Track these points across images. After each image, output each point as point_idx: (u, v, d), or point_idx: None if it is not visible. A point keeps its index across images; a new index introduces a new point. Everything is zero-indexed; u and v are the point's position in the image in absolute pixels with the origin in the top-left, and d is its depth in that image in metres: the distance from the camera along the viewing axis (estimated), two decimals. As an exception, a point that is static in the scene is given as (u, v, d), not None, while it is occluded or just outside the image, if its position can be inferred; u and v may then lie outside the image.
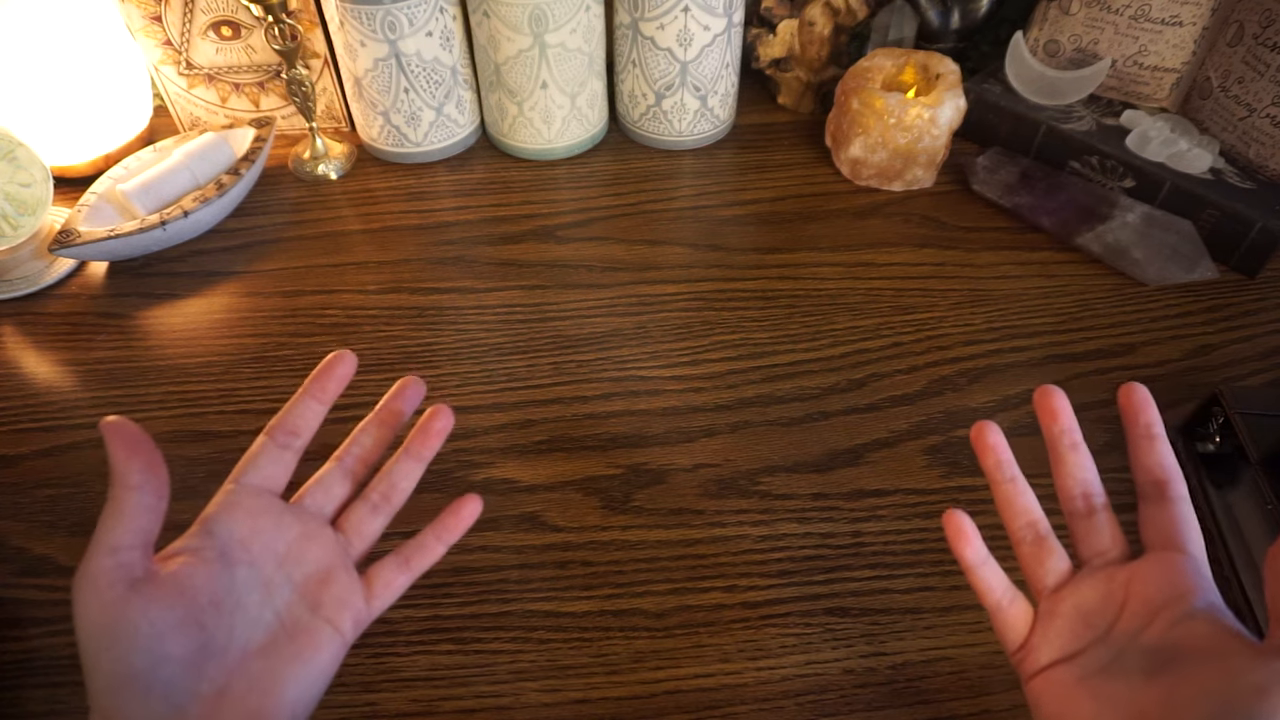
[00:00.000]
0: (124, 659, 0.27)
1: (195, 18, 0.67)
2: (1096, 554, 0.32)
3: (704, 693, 0.40)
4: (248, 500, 0.32)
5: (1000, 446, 0.34)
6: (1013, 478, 0.34)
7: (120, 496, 0.28)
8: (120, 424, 0.29)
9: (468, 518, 0.36)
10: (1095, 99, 0.69)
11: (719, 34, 0.66)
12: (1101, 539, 0.32)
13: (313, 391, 0.35)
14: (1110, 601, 0.31)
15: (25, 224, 0.59)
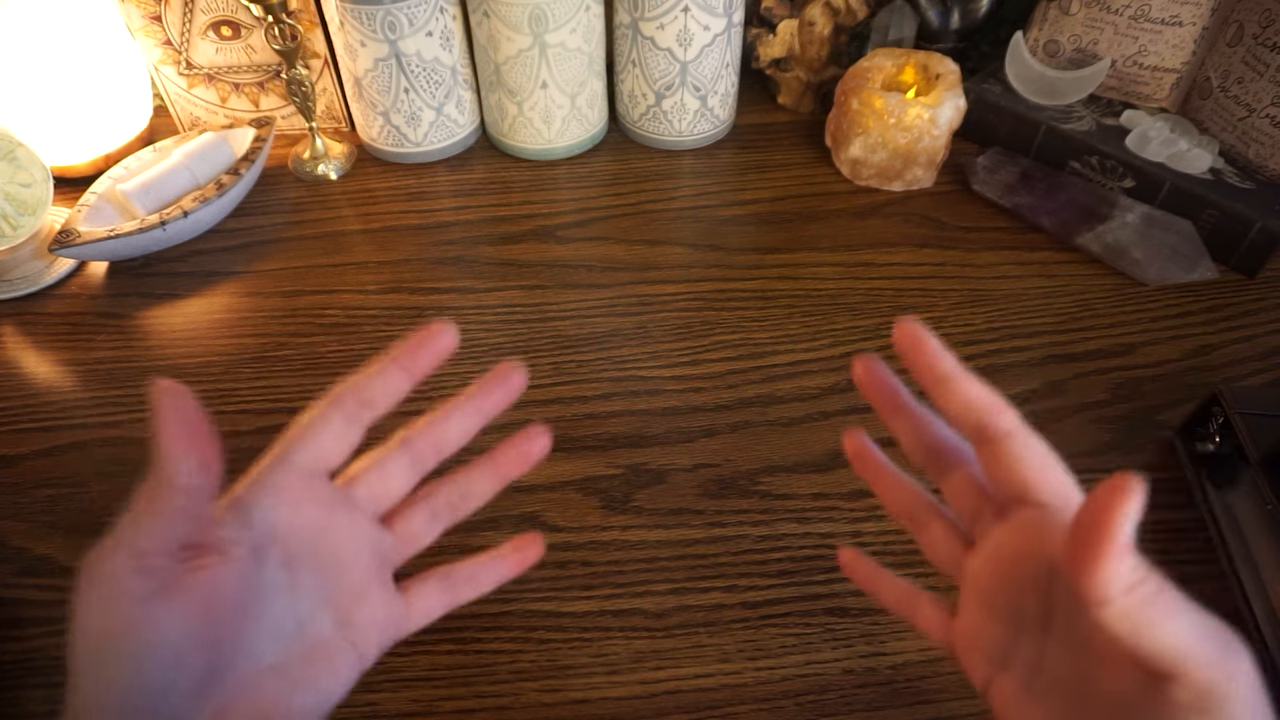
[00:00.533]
0: (123, 678, 0.22)
1: (195, 18, 0.67)
2: (969, 521, 0.27)
3: (704, 693, 0.40)
4: (296, 484, 0.27)
5: (870, 449, 0.31)
6: (887, 472, 0.31)
7: (162, 496, 0.23)
8: (176, 395, 0.23)
9: (531, 557, 0.32)
10: (1095, 99, 0.69)
11: (719, 34, 0.66)
12: (964, 496, 0.27)
13: (402, 362, 0.29)
14: (1004, 582, 0.26)
15: (25, 224, 0.59)
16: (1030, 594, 0.25)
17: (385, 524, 0.29)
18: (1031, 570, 0.25)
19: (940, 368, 0.26)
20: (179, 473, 0.23)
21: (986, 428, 0.25)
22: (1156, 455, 0.50)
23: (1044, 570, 0.24)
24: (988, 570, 0.26)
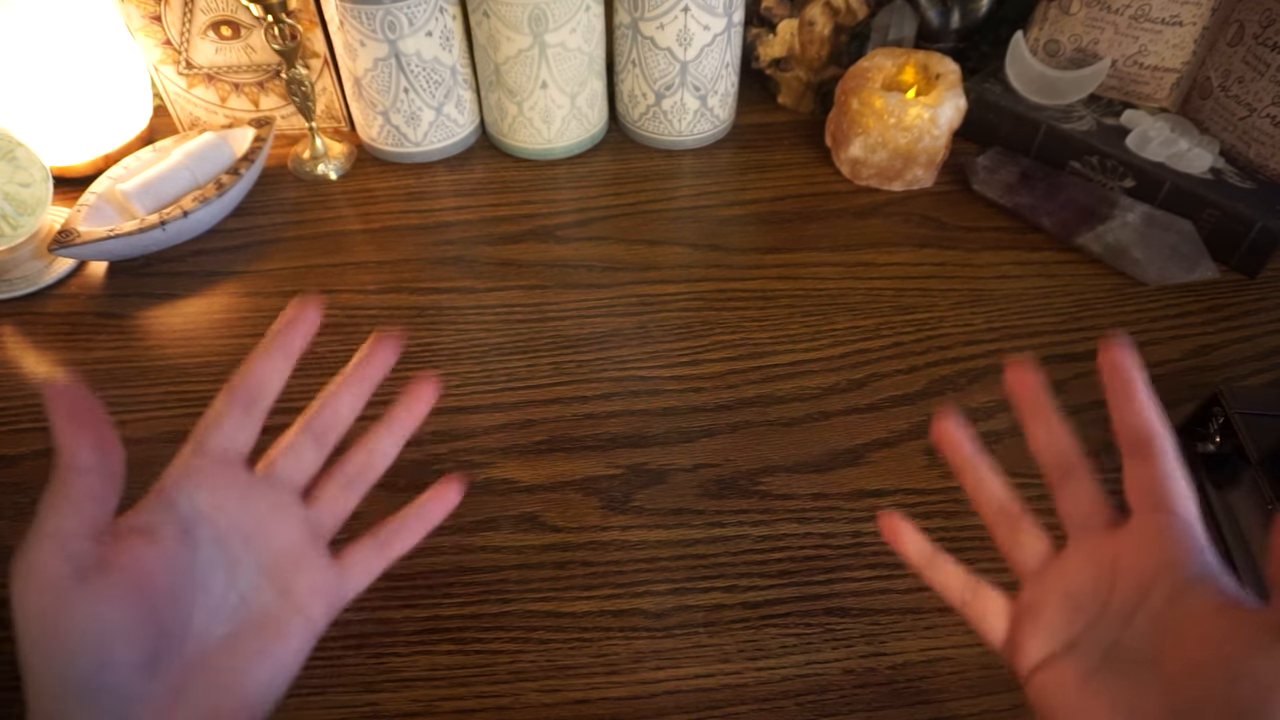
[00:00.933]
0: (68, 663, 0.23)
1: (195, 17, 0.67)
2: (1079, 525, 0.30)
3: (704, 693, 0.40)
4: (212, 468, 0.29)
5: (961, 439, 0.33)
6: (975, 465, 0.32)
7: (68, 480, 0.25)
8: (66, 391, 0.25)
9: (452, 500, 0.33)
10: (1095, 99, 0.69)
11: (719, 34, 0.66)
12: (1081, 507, 0.30)
13: (280, 344, 0.31)
14: (1099, 578, 0.28)
15: (25, 224, 0.59)
16: (1130, 588, 0.27)
17: (306, 498, 0.31)
18: (1146, 567, 0.27)
19: (1134, 381, 0.29)
20: (79, 452, 0.25)
21: (1151, 443, 0.29)
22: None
23: (1160, 566, 0.27)
24: (1087, 566, 0.29)
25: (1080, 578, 0.29)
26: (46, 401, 0.25)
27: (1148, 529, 0.28)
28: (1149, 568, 0.27)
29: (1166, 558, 0.27)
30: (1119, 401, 0.29)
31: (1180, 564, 0.26)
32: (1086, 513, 0.30)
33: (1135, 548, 0.28)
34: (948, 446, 0.33)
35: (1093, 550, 0.29)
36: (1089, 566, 0.29)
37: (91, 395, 0.25)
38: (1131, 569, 0.27)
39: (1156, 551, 0.27)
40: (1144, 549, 0.27)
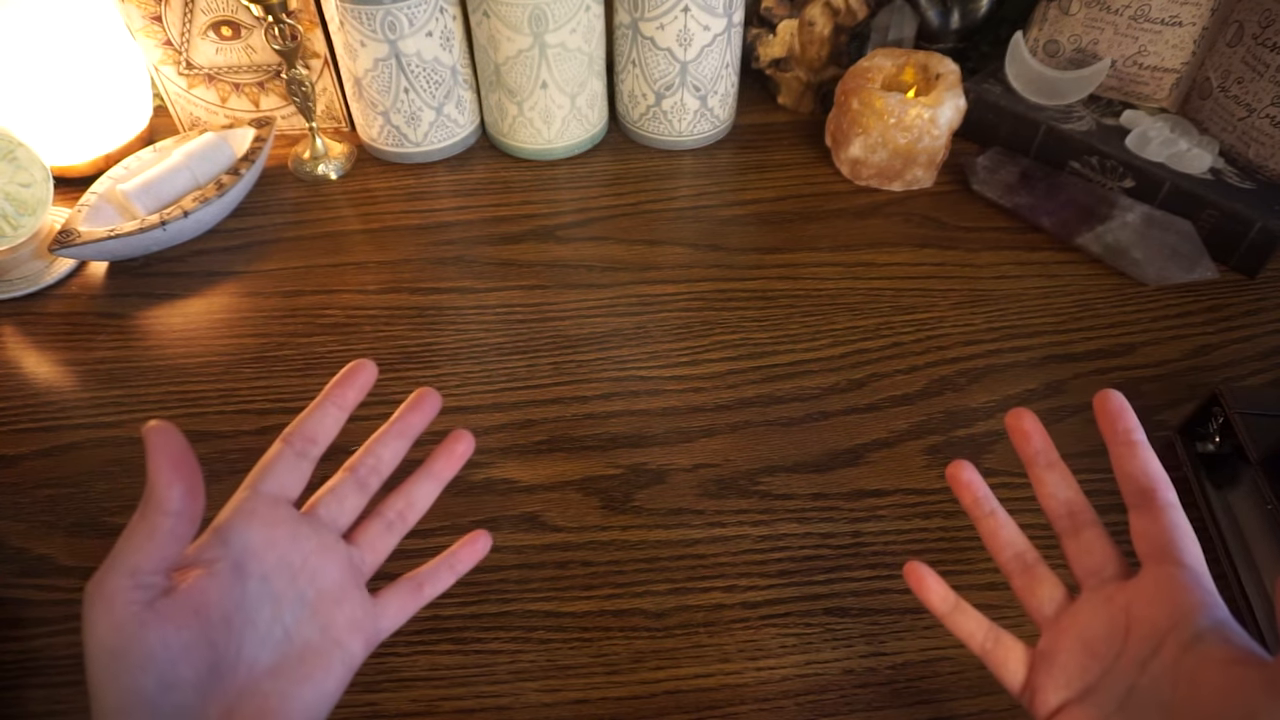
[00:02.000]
0: (135, 683, 0.26)
1: (195, 18, 0.67)
2: (1091, 574, 0.31)
3: (704, 693, 0.40)
4: (264, 509, 0.31)
5: (976, 483, 0.34)
6: (992, 511, 0.34)
7: (154, 521, 0.26)
8: (165, 433, 0.26)
9: (480, 551, 0.36)
10: (1095, 99, 0.69)
11: (719, 34, 0.66)
12: (1093, 557, 0.31)
13: (333, 398, 0.34)
14: (1113, 627, 0.29)
15: (25, 224, 0.59)
16: (1144, 637, 0.28)
17: (348, 539, 0.34)
18: (1159, 616, 0.28)
19: (1135, 433, 0.31)
20: (170, 497, 0.26)
21: (1155, 495, 0.30)
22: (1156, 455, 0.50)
23: (1172, 617, 0.28)
24: (1101, 615, 0.30)
25: (1095, 626, 0.30)
26: (146, 440, 0.26)
27: (1159, 580, 0.29)
28: (1161, 618, 0.28)
29: (1178, 608, 0.28)
30: (1120, 453, 0.31)
31: (1192, 615, 0.27)
32: (1098, 563, 0.31)
33: (1147, 598, 0.29)
34: (964, 493, 0.34)
35: (1106, 599, 0.30)
36: (1103, 615, 0.30)
37: (186, 441, 0.27)
38: (1144, 619, 0.28)
39: (1168, 602, 0.28)
40: (1156, 599, 0.28)
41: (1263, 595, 0.42)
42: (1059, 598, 0.31)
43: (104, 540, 0.46)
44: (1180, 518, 0.30)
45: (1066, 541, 0.32)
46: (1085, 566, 0.31)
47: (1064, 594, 0.32)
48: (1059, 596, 0.31)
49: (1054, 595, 0.31)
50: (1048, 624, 0.31)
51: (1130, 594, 0.29)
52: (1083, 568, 0.31)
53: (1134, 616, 0.29)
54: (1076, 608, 0.31)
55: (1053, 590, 0.32)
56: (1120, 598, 0.29)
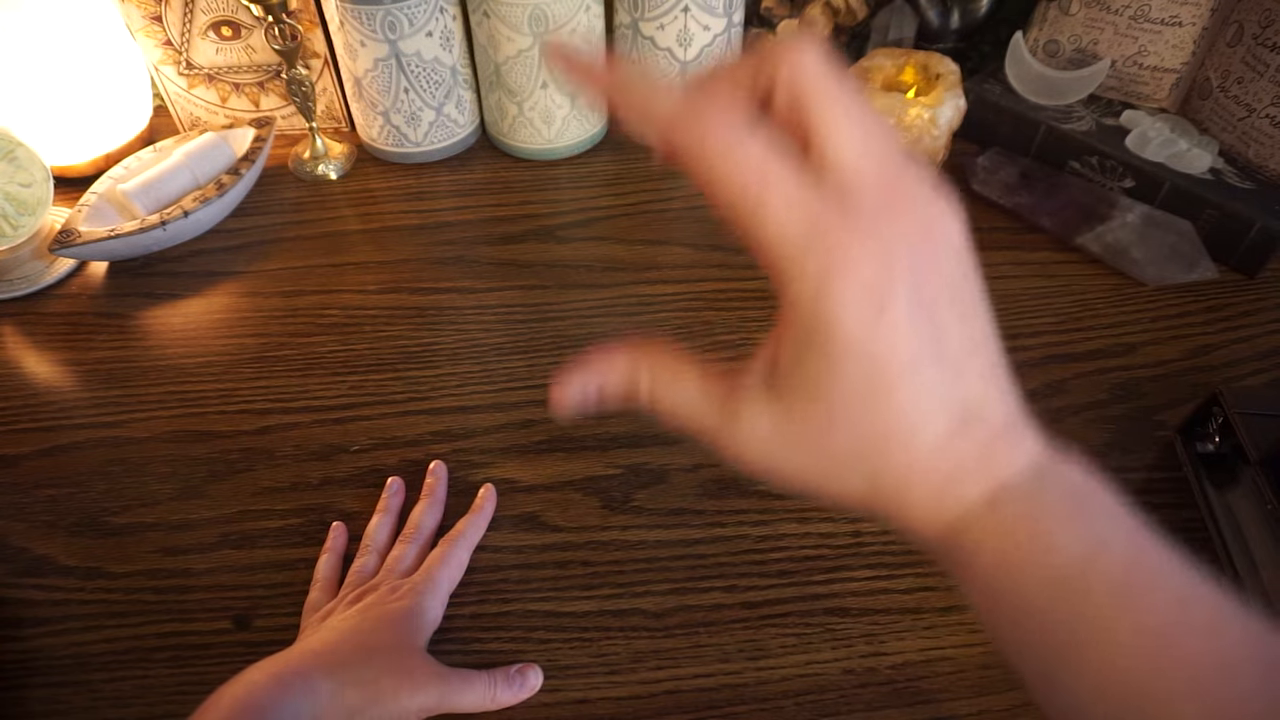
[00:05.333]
0: None
1: (195, 18, 0.67)
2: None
3: (704, 693, 0.40)
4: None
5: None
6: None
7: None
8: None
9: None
10: (1095, 99, 0.69)
11: (719, 34, 0.66)
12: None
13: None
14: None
15: (25, 224, 0.59)
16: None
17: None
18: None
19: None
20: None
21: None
22: (1156, 455, 0.50)
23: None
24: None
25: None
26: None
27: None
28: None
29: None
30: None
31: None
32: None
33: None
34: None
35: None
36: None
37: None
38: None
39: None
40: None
41: (1263, 595, 0.42)
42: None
43: (104, 540, 0.46)
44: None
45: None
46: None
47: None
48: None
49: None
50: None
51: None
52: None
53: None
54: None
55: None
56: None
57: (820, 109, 0.19)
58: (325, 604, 0.42)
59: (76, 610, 0.44)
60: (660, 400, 0.23)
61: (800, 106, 0.19)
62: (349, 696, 0.34)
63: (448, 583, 0.42)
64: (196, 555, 0.46)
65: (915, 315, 0.19)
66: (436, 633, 0.41)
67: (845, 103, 0.19)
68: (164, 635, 0.43)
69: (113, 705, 0.40)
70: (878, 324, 0.19)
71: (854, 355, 0.19)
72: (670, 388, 0.23)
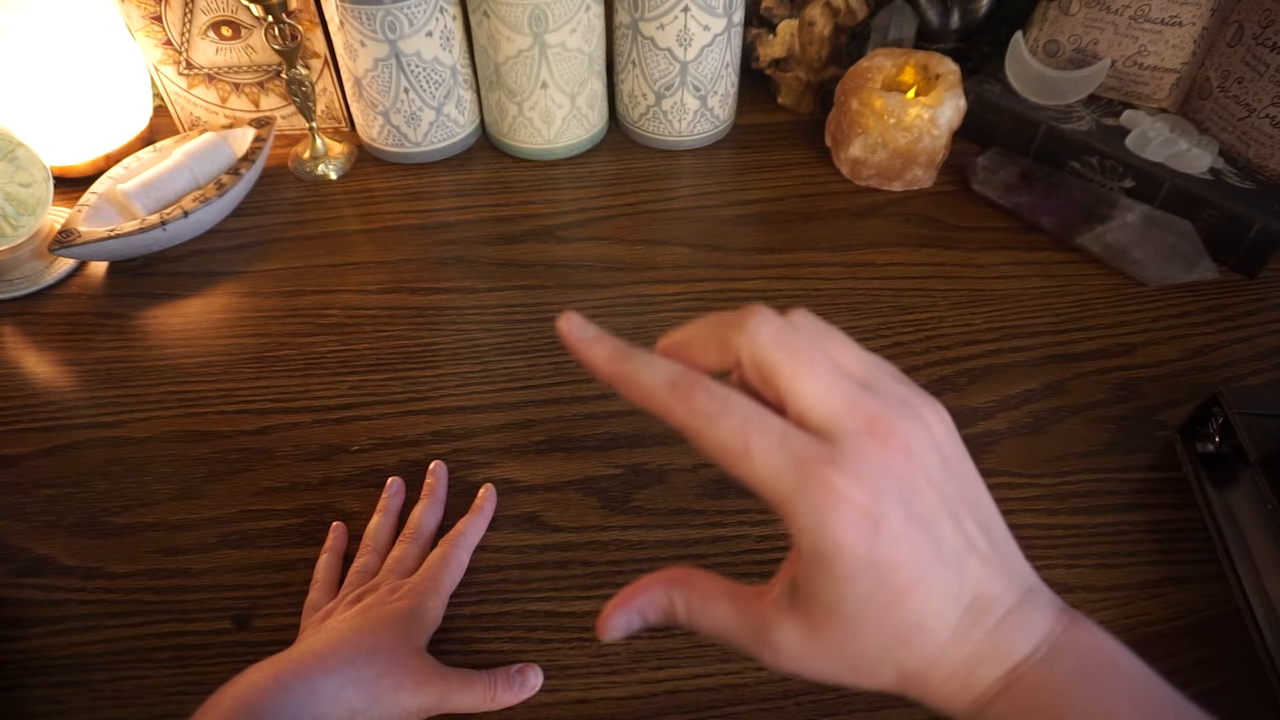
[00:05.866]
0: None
1: (195, 18, 0.67)
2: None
3: (704, 693, 0.40)
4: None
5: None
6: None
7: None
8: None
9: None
10: (1095, 99, 0.69)
11: (719, 34, 0.66)
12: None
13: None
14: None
15: (25, 224, 0.59)
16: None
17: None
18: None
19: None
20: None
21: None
22: (1156, 455, 0.50)
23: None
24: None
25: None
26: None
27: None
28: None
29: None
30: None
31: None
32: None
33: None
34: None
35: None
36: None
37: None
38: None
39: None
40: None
41: (1263, 595, 0.42)
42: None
43: (104, 540, 0.46)
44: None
45: None
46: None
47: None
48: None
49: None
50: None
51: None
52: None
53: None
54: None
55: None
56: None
57: (782, 378, 0.22)
58: (325, 604, 0.42)
59: (76, 610, 0.44)
60: (696, 623, 0.26)
61: (765, 376, 0.23)
62: (349, 697, 0.34)
63: (448, 583, 0.42)
64: (196, 555, 0.46)
65: (910, 528, 0.21)
66: (436, 633, 0.41)
67: (804, 365, 0.22)
68: (164, 635, 0.43)
69: (113, 705, 0.40)
70: (876, 542, 0.21)
71: (861, 573, 0.21)
72: (704, 612, 0.25)
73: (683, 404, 0.22)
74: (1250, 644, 0.41)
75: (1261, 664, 0.40)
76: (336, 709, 0.34)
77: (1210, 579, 0.44)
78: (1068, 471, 0.49)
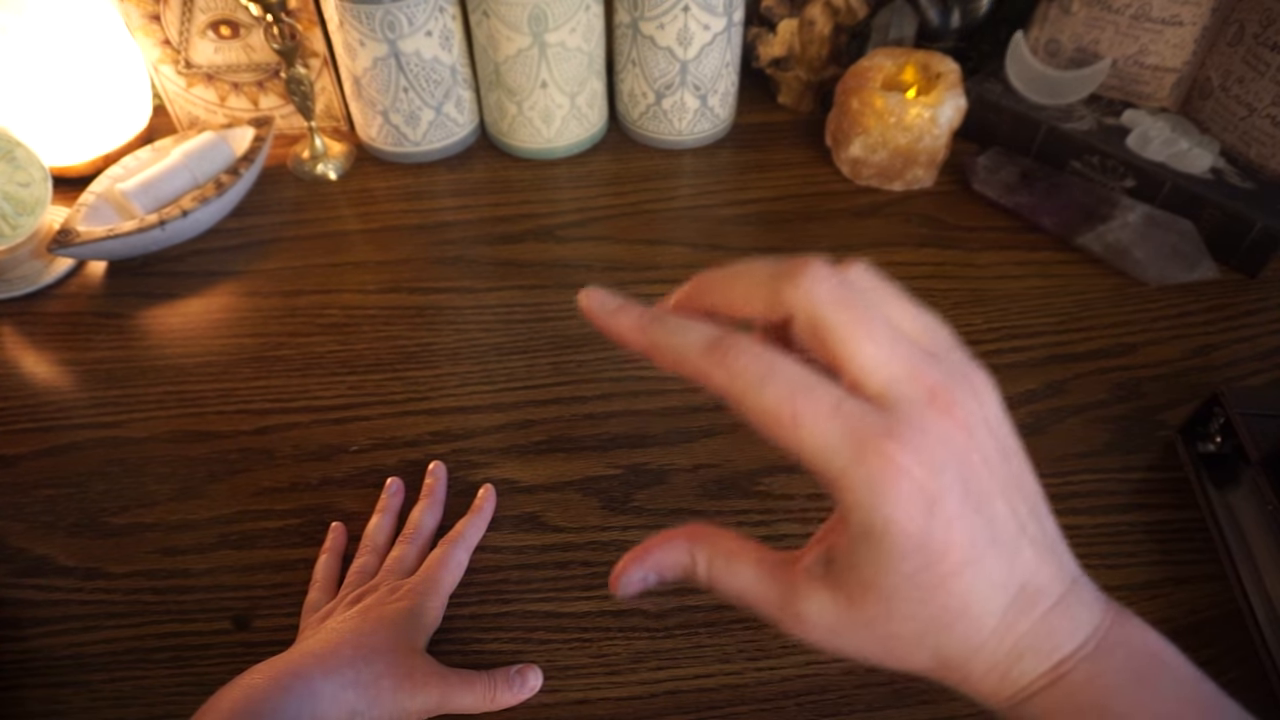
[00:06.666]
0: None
1: (194, 17, 0.67)
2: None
3: (704, 693, 0.40)
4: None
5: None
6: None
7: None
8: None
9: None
10: (1096, 99, 0.69)
11: (719, 33, 0.66)
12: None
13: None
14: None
15: (24, 224, 0.59)
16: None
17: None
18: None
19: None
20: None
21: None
22: (1156, 455, 0.50)
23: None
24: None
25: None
26: None
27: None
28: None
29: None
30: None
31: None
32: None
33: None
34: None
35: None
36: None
37: None
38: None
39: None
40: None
41: (1263, 595, 0.42)
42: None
43: (103, 540, 0.46)
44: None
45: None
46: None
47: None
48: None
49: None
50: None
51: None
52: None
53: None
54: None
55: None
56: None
57: (840, 338, 0.21)
58: (325, 604, 0.42)
59: (75, 610, 0.44)
60: (718, 583, 0.24)
61: (820, 337, 0.21)
62: (349, 697, 0.34)
63: (447, 583, 0.42)
64: (196, 555, 0.46)
65: (966, 509, 0.20)
66: (436, 633, 0.41)
67: (863, 326, 0.21)
68: (163, 635, 0.42)
69: (112, 706, 0.40)
70: (931, 521, 0.20)
71: (911, 551, 0.20)
72: (728, 572, 0.24)
73: (722, 368, 0.21)
74: (1251, 644, 0.41)
75: (1262, 664, 0.40)
76: (336, 710, 0.34)
77: (1211, 579, 0.44)
78: (1068, 471, 0.49)
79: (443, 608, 0.41)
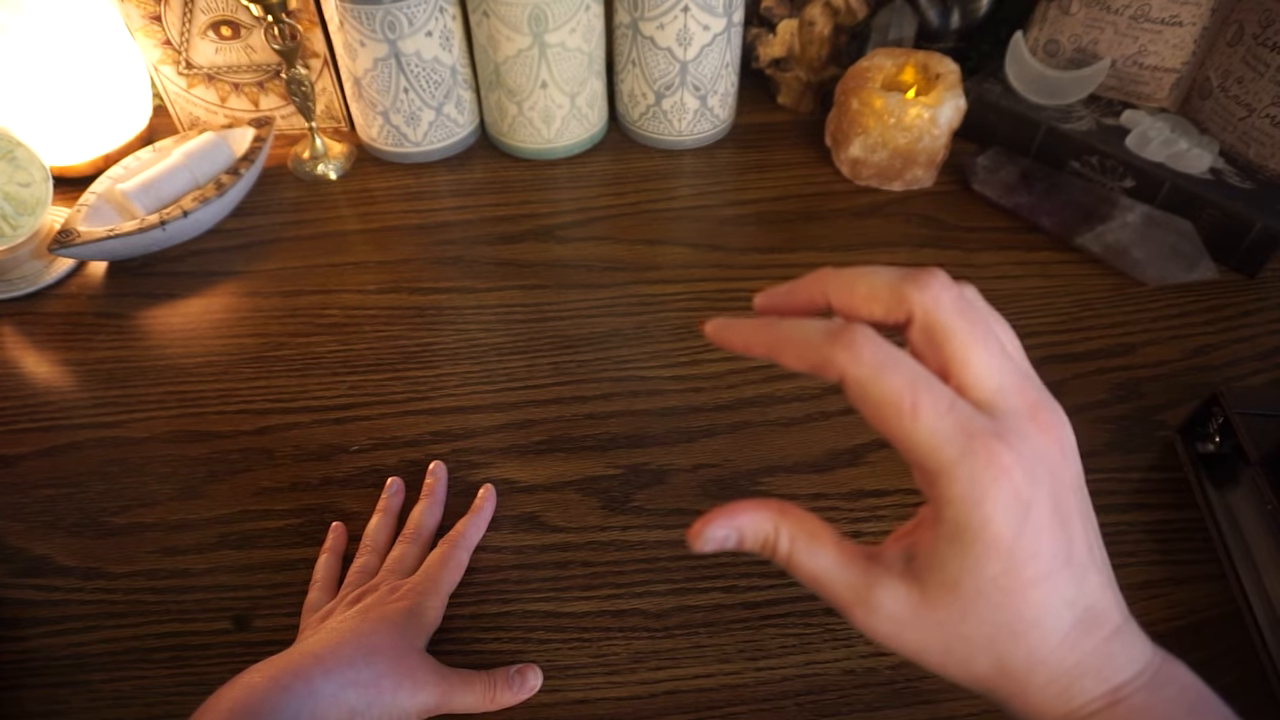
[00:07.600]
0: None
1: (195, 17, 0.67)
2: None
3: (704, 693, 0.40)
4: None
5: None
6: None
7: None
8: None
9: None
10: (1095, 99, 0.69)
11: (719, 34, 0.66)
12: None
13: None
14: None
15: (24, 224, 0.59)
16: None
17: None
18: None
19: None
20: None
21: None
22: (1156, 455, 0.50)
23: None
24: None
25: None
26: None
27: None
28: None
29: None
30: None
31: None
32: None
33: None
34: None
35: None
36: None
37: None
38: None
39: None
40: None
41: (1263, 595, 0.42)
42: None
43: (103, 540, 0.46)
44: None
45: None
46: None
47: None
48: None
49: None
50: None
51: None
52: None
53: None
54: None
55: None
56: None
57: (957, 345, 0.22)
58: (325, 604, 0.42)
59: (75, 610, 0.44)
60: (797, 564, 0.25)
61: (937, 340, 0.23)
62: (349, 697, 0.34)
63: (447, 583, 0.42)
64: (196, 555, 0.46)
65: (1054, 522, 0.22)
66: (436, 633, 0.41)
67: (979, 336, 0.22)
68: (163, 635, 0.42)
69: (111, 706, 0.40)
70: (1024, 528, 0.21)
71: (998, 554, 0.21)
72: (808, 552, 0.25)
73: (847, 352, 0.22)
74: (1251, 644, 0.41)
75: (1262, 664, 0.40)
76: (336, 710, 0.34)
77: (1210, 579, 0.44)
78: (1068, 471, 0.49)
79: (443, 607, 0.41)
